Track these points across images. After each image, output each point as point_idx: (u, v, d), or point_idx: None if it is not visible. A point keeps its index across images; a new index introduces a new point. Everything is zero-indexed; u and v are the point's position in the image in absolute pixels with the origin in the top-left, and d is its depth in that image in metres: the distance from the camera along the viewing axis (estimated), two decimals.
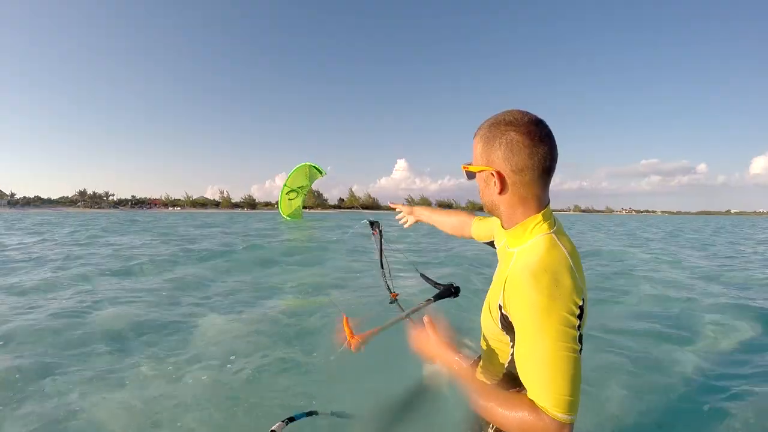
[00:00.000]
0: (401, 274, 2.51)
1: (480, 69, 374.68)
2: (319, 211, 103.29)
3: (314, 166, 31.78)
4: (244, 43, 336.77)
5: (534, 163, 1.00)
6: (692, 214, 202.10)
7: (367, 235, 1.89)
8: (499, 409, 0.94)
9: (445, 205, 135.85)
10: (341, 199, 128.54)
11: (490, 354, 1.15)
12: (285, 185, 31.82)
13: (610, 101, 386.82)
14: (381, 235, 1.85)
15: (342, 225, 27.53)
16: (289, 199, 32.34)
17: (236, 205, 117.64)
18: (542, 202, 1.05)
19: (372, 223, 1.89)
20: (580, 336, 0.92)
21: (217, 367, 3.53)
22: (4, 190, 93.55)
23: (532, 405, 0.90)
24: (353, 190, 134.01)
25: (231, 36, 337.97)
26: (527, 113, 1.04)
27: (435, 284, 1.70)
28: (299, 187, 32.43)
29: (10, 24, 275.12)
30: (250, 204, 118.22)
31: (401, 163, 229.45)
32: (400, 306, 1.62)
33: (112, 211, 78.81)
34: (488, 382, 1.13)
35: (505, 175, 1.03)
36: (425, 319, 1.17)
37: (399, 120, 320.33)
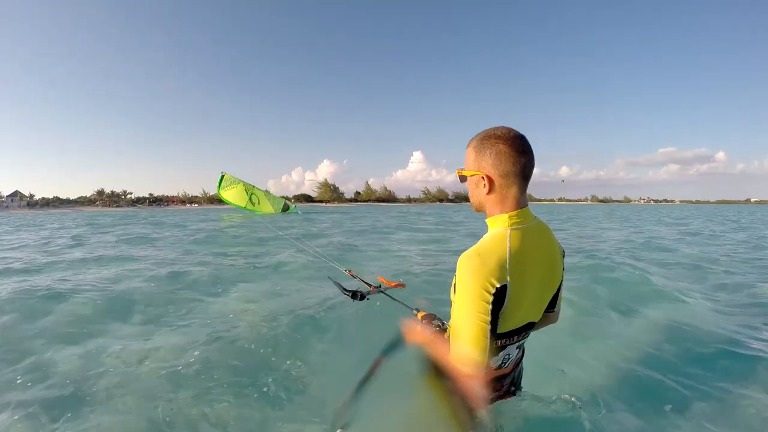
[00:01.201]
0: None
1: (497, 61, 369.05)
2: (336, 204, 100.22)
3: (219, 182, 30.52)
4: (256, 40, 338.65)
5: (517, 169, 1.24)
6: (711, 203, 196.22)
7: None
8: (440, 352, 1.33)
9: (462, 198, 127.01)
10: (357, 193, 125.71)
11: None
12: (242, 207, 30.52)
13: (625, 90, 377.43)
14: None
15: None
16: (257, 203, 31.03)
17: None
18: (518, 203, 1.28)
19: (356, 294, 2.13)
20: (496, 311, 1.18)
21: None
22: (23, 192, 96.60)
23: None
24: (369, 183, 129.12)
25: (244, 32, 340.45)
26: (512, 129, 1.27)
27: (344, 290, 2.14)
28: (247, 193, 31.00)
29: (26, 23, 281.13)
30: None
31: (417, 155, 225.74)
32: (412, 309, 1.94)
33: (130, 209, 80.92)
34: (441, 337, 1.46)
35: (493, 178, 1.26)
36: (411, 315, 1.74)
37: (415, 112, 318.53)
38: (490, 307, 1.16)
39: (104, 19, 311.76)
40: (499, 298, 1.18)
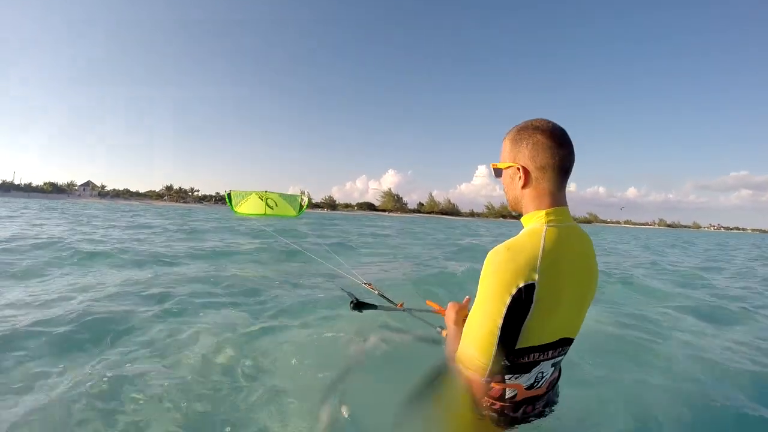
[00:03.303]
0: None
1: (562, 77, 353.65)
2: (398, 214, 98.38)
3: (229, 203, 30.27)
4: (327, 49, 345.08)
5: (555, 162, 1.15)
6: None
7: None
8: (451, 348, 1.25)
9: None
10: (421, 204, 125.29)
11: None
12: (262, 214, 28.73)
13: (698, 106, 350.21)
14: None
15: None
16: (275, 207, 29.30)
17: (317, 206, 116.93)
18: (556, 200, 1.18)
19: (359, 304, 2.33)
20: (520, 314, 1.06)
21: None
22: (95, 182, 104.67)
23: None
24: (433, 195, 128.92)
25: (316, 42, 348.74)
26: (551, 121, 1.19)
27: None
28: (262, 199, 28.72)
29: (114, 23, 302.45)
30: (330, 205, 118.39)
31: (482, 170, 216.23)
32: (410, 311, 2.24)
33: (197, 205, 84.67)
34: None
35: (529, 170, 1.18)
36: (466, 299, 1.51)
37: (480, 125, 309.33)
38: (505, 309, 1.05)
39: (175, 20, 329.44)
40: (525, 299, 1.05)
